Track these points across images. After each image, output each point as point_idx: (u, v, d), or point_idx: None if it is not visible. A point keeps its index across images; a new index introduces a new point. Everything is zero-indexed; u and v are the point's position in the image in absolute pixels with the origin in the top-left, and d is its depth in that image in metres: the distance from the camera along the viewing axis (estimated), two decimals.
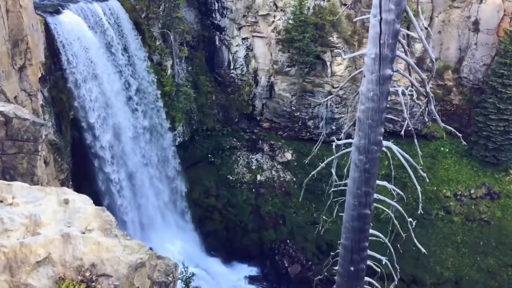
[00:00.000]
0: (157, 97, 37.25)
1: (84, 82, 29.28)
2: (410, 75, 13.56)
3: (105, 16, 31.59)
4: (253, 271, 41.85)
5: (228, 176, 44.98)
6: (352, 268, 14.87)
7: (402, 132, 14.39)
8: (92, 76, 29.98)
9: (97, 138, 31.05)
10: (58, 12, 28.33)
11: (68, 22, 28.21)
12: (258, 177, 45.17)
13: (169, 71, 40.44)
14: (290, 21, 41.98)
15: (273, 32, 43.54)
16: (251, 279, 41.28)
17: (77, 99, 29.48)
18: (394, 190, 15.30)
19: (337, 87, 42.22)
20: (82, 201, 10.23)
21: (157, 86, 37.30)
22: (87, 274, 8.76)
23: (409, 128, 13.65)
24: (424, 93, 13.03)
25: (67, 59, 28.05)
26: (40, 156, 17.62)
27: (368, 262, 15.54)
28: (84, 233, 9.38)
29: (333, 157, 14.96)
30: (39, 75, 26.13)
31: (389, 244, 15.74)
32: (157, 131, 37.98)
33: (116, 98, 32.88)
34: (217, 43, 45.18)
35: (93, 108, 30.32)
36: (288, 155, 46.45)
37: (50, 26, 27.24)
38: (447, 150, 45.38)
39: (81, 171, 31.19)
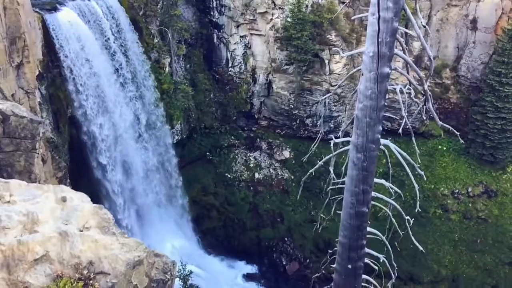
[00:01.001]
0: (155, 93, 37.21)
1: (81, 82, 29.18)
2: (408, 73, 13.58)
3: (103, 14, 31.50)
4: (251, 269, 41.90)
5: (226, 174, 44.99)
6: (349, 266, 14.91)
7: (400, 130, 14.43)
8: (90, 73, 29.90)
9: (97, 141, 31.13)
10: (55, 9, 28.24)
11: (66, 20, 28.12)
12: (256, 175, 45.19)
13: (167, 69, 40.39)
14: (288, 19, 41.95)
15: (271, 30, 43.50)
16: (249, 277, 41.33)
17: (75, 98, 29.39)
18: (391, 188, 15.34)
19: (335, 85, 42.22)
20: (79, 199, 10.22)
21: (155, 82, 37.30)
22: (85, 272, 8.76)
23: (407, 126, 13.68)
24: (422, 91, 13.05)
25: (64, 57, 27.96)
26: (38, 153, 17.59)
27: (366, 260, 15.59)
28: (81, 231, 9.38)
29: (331, 155, 14.98)
30: (37, 73, 26.04)
31: (387, 242, 15.79)
32: (155, 126, 37.96)
33: (114, 95, 32.82)
34: (215, 41, 45.12)
35: (92, 109, 30.28)
36: (286, 153, 46.47)
37: (47, 24, 27.14)
38: (444, 148, 45.47)
39: (79, 169, 31.14)
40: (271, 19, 43.25)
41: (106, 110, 31.59)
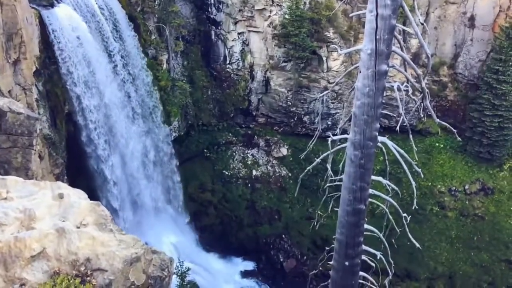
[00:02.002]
0: (151, 87, 37.14)
1: (78, 77, 29.09)
2: (405, 70, 13.58)
3: (100, 10, 31.39)
4: (248, 265, 41.97)
5: (224, 171, 44.99)
6: (347, 263, 14.94)
7: (398, 128, 14.44)
8: (87, 66, 29.82)
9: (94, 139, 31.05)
10: (52, 5, 28.13)
11: (63, 16, 28.01)
12: (254, 172, 45.20)
13: (164, 66, 40.31)
14: (286, 16, 41.89)
15: (269, 27, 43.44)
16: (246, 274, 41.40)
17: (71, 93, 29.29)
18: (389, 186, 15.36)
19: (333, 82, 42.22)
20: (77, 196, 10.22)
21: (152, 80, 37.20)
22: (82, 268, 8.77)
23: (405, 124, 13.70)
24: (420, 89, 13.06)
25: (61, 53, 27.85)
26: (35, 150, 17.57)
27: (363, 257, 15.62)
28: (79, 227, 9.37)
29: (328, 152, 14.99)
30: (34, 69, 25.96)
31: (384, 239, 15.83)
32: (153, 121, 37.92)
33: (111, 91, 32.74)
34: (213, 37, 45.03)
35: (90, 109, 30.21)
36: (284, 150, 46.49)
37: (44, 20, 27.03)
38: (442, 145, 45.56)
39: (76, 165, 31.09)
40: (269, 16, 43.19)
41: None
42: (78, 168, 31.22)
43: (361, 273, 15.82)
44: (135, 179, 36.67)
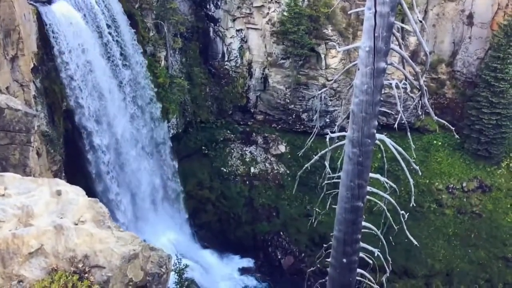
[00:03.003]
0: (150, 86, 37.07)
1: (75, 71, 29.02)
2: (404, 68, 13.58)
3: (98, 6, 31.28)
4: (246, 263, 42.04)
5: (222, 168, 44.99)
6: (344, 260, 14.97)
7: (396, 125, 14.45)
8: (85, 64, 29.75)
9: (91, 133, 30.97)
10: (50, 2, 28.01)
11: (61, 12, 27.91)
12: (252, 170, 45.22)
13: (162, 63, 40.24)
14: (285, 13, 41.84)
15: (268, 24, 43.38)
16: (244, 271, 41.47)
17: (69, 89, 29.22)
18: (387, 183, 15.38)
19: (331, 80, 42.20)
20: (74, 193, 10.20)
21: (150, 77, 37.13)
22: (80, 265, 8.77)
23: (403, 121, 13.70)
24: (418, 86, 13.06)
25: (59, 49, 27.77)
26: (33, 147, 17.54)
27: (361, 254, 15.65)
28: (76, 224, 9.36)
29: (326, 149, 14.99)
30: (32, 66, 25.88)
31: (381, 236, 15.86)
32: (152, 117, 37.88)
33: (110, 87, 32.71)
34: (211, 34, 44.94)
35: (85, 97, 30.13)
36: (282, 148, 46.51)
37: (42, 16, 26.93)
38: (439, 143, 45.63)
39: (74, 162, 31.04)
40: (268, 13, 43.12)
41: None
42: (76, 165, 31.18)
43: (358, 270, 15.86)
44: (134, 175, 36.64)
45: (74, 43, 28.68)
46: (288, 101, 45.72)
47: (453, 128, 15.30)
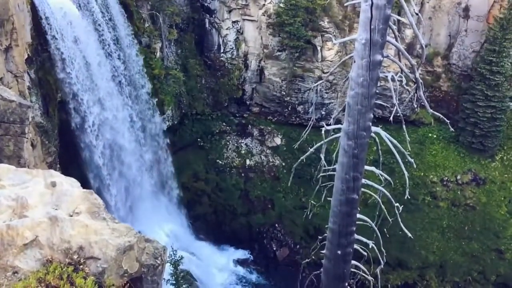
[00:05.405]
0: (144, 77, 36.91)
1: (70, 63, 28.81)
2: (400, 61, 13.59)
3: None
4: (241, 254, 42.19)
5: (217, 161, 44.99)
6: (339, 252, 15.07)
7: (391, 118, 14.50)
8: (79, 56, 29.55)
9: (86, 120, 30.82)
10: None
11: (55, 2, 27.64)
12: (247, 162, 45.24)
13: (158, 54, 39.98)
14: (281, 5, 41.64)
15: (264, 15, 43.16)
16: (240, 263, 41.63)
17: (62, 78, 29.02)
18: (381, 175, 15.45)
19: (327, 72, 42.15)
20: (69, 184, 10.18)
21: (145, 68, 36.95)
22: (75, 256, 8.77)
23: (398, 114, 13.75)
24: (413, 79, 13.08)
25: (53, 39, 27.53)
26: (27, 138, 17.46)
27: (355, 246, 15.75)
28: (71, 216, 9.35)
29: (322, 142, 15.01)
30: (26, 56, 25.67)
31: (376, 229, 15.96)
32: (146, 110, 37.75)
33: (103, 77, 32.53)
34: (207, 26, 44.68)
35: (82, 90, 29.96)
36: (278, 140, 46.52)
37: (36, 6, 26.67)
38: (434, 136, 45.79)
39: (69, 154, 30.92)
40: (264, 5, 42.89)
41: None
42: (70, 156, 31.06)
43: (353, 262, 15.98)
44: (129, 167, 36.57)
45: (69, 34, 28.43)
46: (284, 93, 45.65)
47: (448, 121, 15.36)
